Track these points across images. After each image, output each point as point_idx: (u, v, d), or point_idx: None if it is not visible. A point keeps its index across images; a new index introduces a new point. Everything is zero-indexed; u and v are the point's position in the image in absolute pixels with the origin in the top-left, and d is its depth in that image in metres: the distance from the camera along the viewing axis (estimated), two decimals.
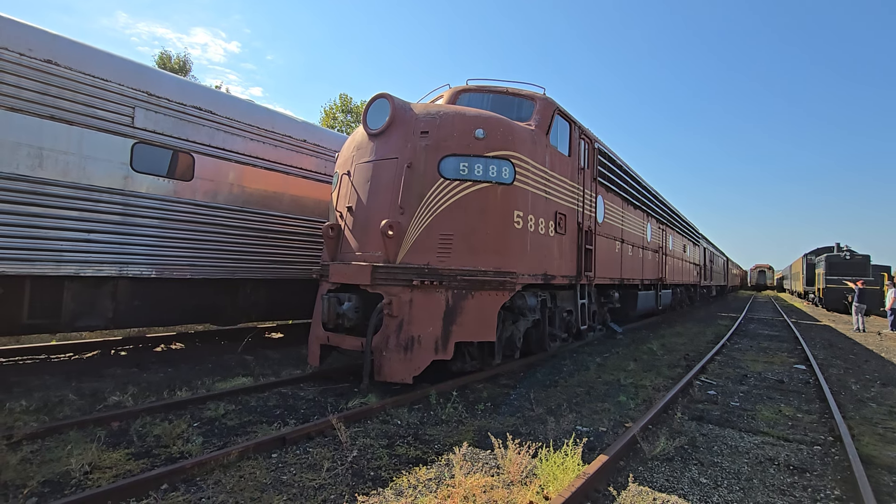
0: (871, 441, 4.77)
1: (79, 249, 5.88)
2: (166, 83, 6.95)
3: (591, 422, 4.95)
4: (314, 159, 8.99)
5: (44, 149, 5.60)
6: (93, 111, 6.00)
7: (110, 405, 4.88)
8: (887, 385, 7.46)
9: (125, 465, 3.51)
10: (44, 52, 5.62)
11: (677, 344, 10.80)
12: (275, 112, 8.69)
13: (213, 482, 3.30)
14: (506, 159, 6.10)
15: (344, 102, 31.68)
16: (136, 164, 6.44)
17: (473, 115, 6.23)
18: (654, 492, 3.43)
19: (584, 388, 6.29)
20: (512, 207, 6.14)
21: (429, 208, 5.77)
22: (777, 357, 9.71)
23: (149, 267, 6.56)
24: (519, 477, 3.51)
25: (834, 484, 3.70)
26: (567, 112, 7.71)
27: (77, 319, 6.13)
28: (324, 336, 6.04)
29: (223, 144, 7.49)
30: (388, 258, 5.70)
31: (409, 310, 5.52)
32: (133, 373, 6.35)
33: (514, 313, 6.62)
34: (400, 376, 5.38)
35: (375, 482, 3.42)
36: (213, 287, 7.57)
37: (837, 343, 12.60)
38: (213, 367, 6.91)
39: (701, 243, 23.82)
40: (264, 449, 3.83)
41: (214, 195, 7.37)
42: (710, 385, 6.85)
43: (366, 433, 4.34)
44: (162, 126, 6.71)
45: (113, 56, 6.48)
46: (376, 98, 6.33)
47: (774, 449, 4.39)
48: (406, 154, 5.92)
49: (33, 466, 3.42)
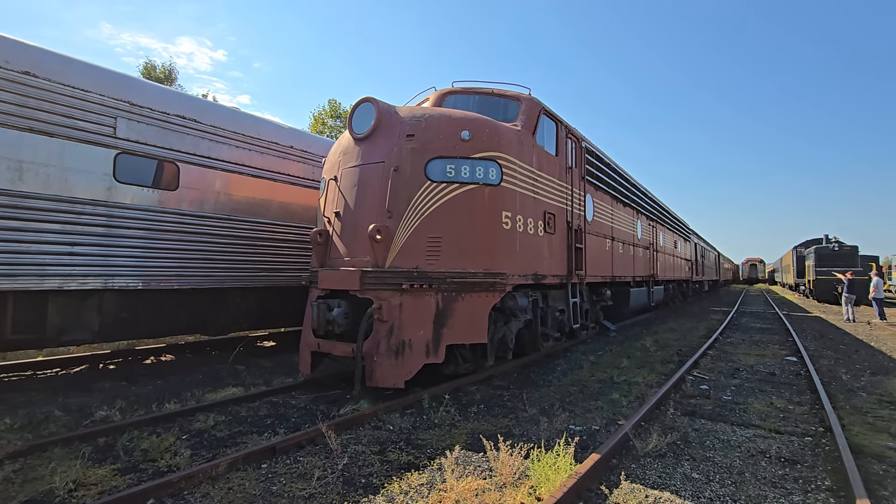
0: (861, 430, 4.80)
1: (62, 263, 5.79)
2: (148, 92, 6.88)
3: (584, 421, 4.95)
4: (301, 165, 8.94)
5: (23, 161, 5.52)
6: (73, 122, 5.92)
7: (97, 420, 4.79)
8: (877, 374, 7.53)
9: (111, 481, 3.44)
10: (21, 64, 5.55)
11: (670, 340, 10.85)
12: (260, 119, 8.64)
13: (200, 495, 3.25)
14: (492, 160, 6.09)
15: (333, 108, 31.64)
16: (120, 174, 6.36)
17: (459, 117, 6.23)
18: (646, 489, 3.43)
19: (578, 387, 6.28)
20: (500, 208, 6.13)
21: (416, 211, 5.75)
22: (769, 350, 9.78)
23: (135, 278, 6.48)
24: (511, 479, 3.49)
25: (825, 474, 3.72)
26: (553, 112, 7.73)
27: (62, 334, 6.03)
28: (314, 343, 5.98)
29: (208, 153, 7.42)
30: (377, 263, 5.67)
31: (399, 314, 5.49)
32: (122, 386, 6.25)
33: (505, 314, 6.60)
34: (391, 381, 5.34)
35: (366, 489, 3.39)
36: (202, 297, 7.49)
37: (828, 334, 12.72)
38: (203, 377, 6.82)
39: (692, 239, 23.98)
40: (254, 459, 3.78)
41: (201, 204, 7.31)
42: (703, 380, 6.88)
43: (357, 440, 4.30)
44: (145, 136, 6.64)
45: (93, 66, 6.41)
46: (361, 102, 6.30)
47: (766, 442, 4.40)
48: (392, 157, 5.90)
49: (15, 486, 3.35)
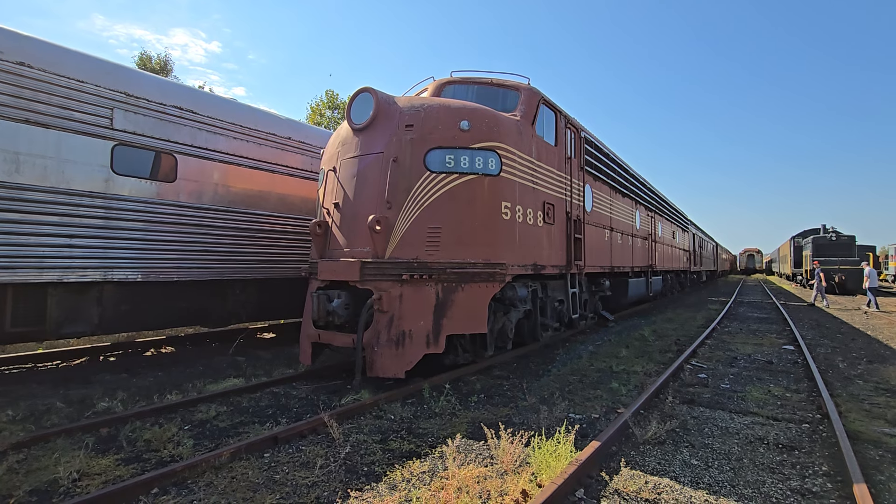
0: (857, 417, 4.85)
1: (61, 255, 5.78)
2: (145, 83, 6.82)
3: (584, 409, 4.98)
4: (300, 156, 8.90)
5: (20, 153, 5.48)
6: (69, 114, 5.87)
7: (99, 411, 4.81)
8: (873, 362, 7.59)
9: (115, 471, 3.46)
10: (16, 55, 5.49)
11: (668, 329, 10.90)
12: (258, 110, 8.58)
13: (204, 484, 3.27)
14: (492, 150, 6.07)
15: (330, 99, 31.41)
16: (117, 166, 6.33)
17: (458, 107, 6.19)
18: (646, 475, 3.46)
19: (577, 377, 6.32)
20: (499, 198, 6.12)
21: (416, 202, 5.74)
22: (766, 339, 9.84)
23: (134, 270, 6.46)
24: (512, 466, 3.52)
25: (822, 460, 3.76)
26: (552, 101, 7.69)
27: (62, 326, 6.03)
28: (315, 334, 6.00)
29: (206, 144, 7.37)
30: (377, 253, 5.66)
31: (399, 304, 5.50)
32: (122, 378, 6.27)
33: (505, 304, 6.62)
34: (392, 371, 5.37)
35: (369, 477, 3.41)
36: (202, 289, 7.49)
37: (825, 323, 12.80)
38: (203, 369, 6.84)
39: (690, 229, 24.01)
40: (256, 449, 3.80)
41: (199, 196, 7.28)
42: (701, 368, 6.92)
43: (359, 429, 4.32)
44: (142, 127, 6.59)
45: (89, 57, 6.34)
46: (360, 92, 6.26)
47: (764, 428, 4.45)
48: (391, 148, 5.87)
49: (19, 476, 3.36)
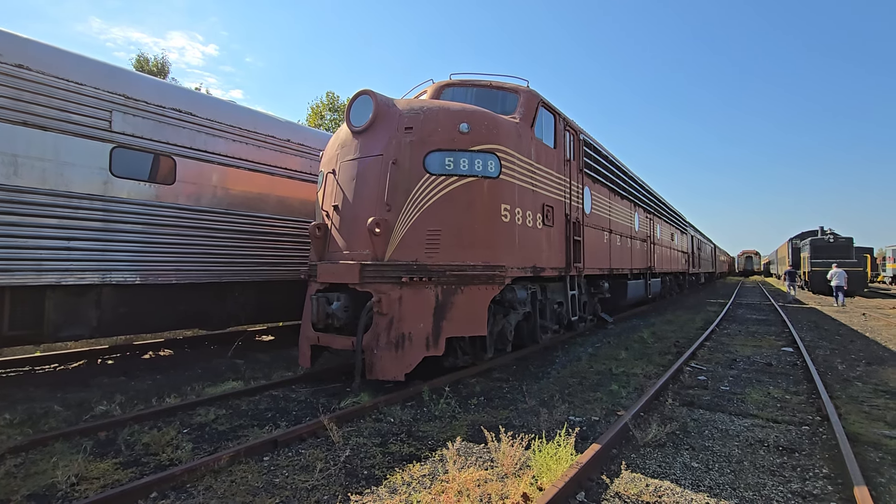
0: (857, 419, 4.85)
1: (59, 258, 5.75)
2: (144, 86, 6.81)
3: (584, 411, 4.98)
4: (299, 159, 8.89)
5: (18, 156, 5.46)
6: (68, 116, 5.86)
7: (97, 415, 4.79)
8: (872, 364, 7.60)
9: (113, 475, 3.45)
10: (14, 57, 5.47)
11: (667, 331, 10.91)
12: (257, 112, 8.57)
13: (203, 488, 3.26)
14: (491, 153, 6.08)
15: (331, 100, 31.41)
16: (116, 168, 6.31)
17: (457, 110, 6.20)
18: (646, 478, 3.46)
19: (577, 379, 6.32)
20: (499, 201, 6.12)
21: (415, 204, 5.73)
22: (765, 340, 9.85)
23: (133, 273, 6.44)
24: (513, 469, 3.51)
25: (822, 462, 3.76)
26: (551, 104, 7.70)
27: (60, 329, 6.00)
28: (314, 337, 5.99)
29: (205, 146, 7.37)
30: (377, 256, 5.66)
31: (398, 307, 5.50)
32: (121, 381, 6.24)
33: (504, 307, 6.61)
34: (392, 374, 5.36)
35: (369, 481, 3.40)
36: (200, 291, 7.47)
37: (823, 324, 12.82)
38: (202, 372, 6.82)
39: (689, 231, 24.05)
40: (256, 452, 3.78)
41: (198, 198, 7.26)
42: (701, 371, 6.93)
43: (359, 432, 4.31)
44: (141, 129, 6.58)
45: (87, 59, 6.33)
46: (359, 95, 6.26)
47: (764, 431, 4.45)
48: (391, 150, 5.87)
49: (17, 480, 3.35)
